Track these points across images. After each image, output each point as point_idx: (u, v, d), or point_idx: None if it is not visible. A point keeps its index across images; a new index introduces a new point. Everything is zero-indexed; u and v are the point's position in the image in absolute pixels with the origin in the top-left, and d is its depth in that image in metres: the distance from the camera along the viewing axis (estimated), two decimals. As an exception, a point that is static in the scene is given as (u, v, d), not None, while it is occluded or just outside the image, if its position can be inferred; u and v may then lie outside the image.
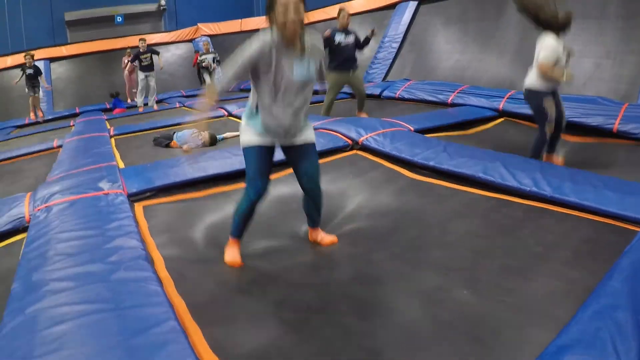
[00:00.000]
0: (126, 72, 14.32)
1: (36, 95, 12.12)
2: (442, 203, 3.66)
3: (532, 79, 4.58)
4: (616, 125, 5.31)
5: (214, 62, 11.62)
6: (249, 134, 2.80)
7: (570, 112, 5.85)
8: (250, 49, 2.58)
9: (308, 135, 2.92)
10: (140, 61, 10.60)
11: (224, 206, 3.84)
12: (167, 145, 6.68)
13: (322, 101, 7.36)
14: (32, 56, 11.13)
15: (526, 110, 6.45)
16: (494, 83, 8.52)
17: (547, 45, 4.36)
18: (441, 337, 2.02)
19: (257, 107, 2.75)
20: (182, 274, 2.78)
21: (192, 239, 3.34)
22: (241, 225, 2.93)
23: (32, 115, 12.25)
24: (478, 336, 2.00)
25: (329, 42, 6.83)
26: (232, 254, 2.95)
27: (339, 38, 6.87)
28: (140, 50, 10.67)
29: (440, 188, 3.93)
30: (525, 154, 4.54)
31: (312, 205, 3.06)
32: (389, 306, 2.34)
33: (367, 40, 7.32)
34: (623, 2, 7.49)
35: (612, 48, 7.35)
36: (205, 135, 6.46)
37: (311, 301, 2.46)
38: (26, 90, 11.98)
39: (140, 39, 11.17)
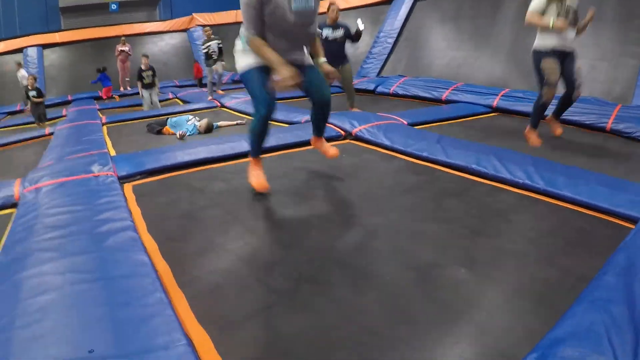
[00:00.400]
0: (119, 61, 14.27)
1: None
2: (437, 182, 3.70)
3: (535, 41, 4.78)
4: (609, 124, 5.35)
5: (218, 50, 10.93)
6: (248, 58, 2.92)
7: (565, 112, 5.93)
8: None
9: (306, 59, 3.09)
10: (142, 78, 10.49)
11: (212, 183, 3.87)
12: (159, 132, 6.64)
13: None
14: (35, 78, 10.67)
15: (520, 107, 6.53)
16: (489, 81, 8.55)
17: None
18: (436, 317, 2.00)
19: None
20: (167, 244, 2.75)
21: (181, 212, 3.32)
22: (258, 143, 3.06)
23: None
24: (473, 318, 1.98)
25: None
26: (257, 176, 3.12)
27: (327, 32, 6.72)
28: (143, 67, 10.57)
29: (434, 170, 3.97)
30: (518, 139, 4.57)
31: (321, 114, 3.25)
32: (384, 280, 2.30)
33: (358, 34, 7.05)
34: (619, 4, 7.51)
35: (608, 50, 7.38)
36: (202, 122, 6.44)
37: (303, 269, 2.42)
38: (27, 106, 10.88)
39: (143, 55, 11.04)
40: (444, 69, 9.96)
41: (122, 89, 14.11)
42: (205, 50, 10.89)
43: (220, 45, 10.88)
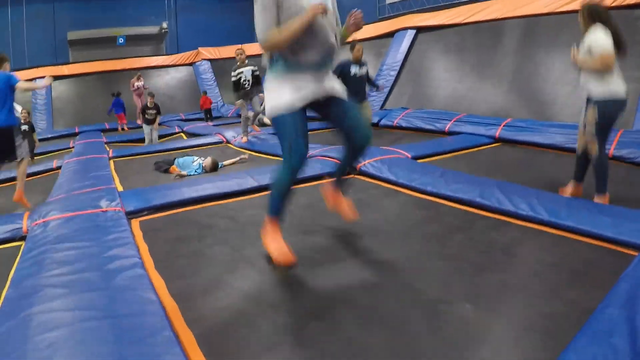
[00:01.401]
0: (135, 95, 14.49)
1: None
2: (441, 217, 3.72)
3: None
4: (611, 151, 5.39)
5: (253, 78, 8.66)
6: (280, 95, 2.63)
7: (565, 139, 6.00)
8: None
9: (337, 85, 2.81)
10: (145, 114, 10.66)
11: (218, 219, 3.89)
12: (166, 171, 6.68)
13: (323, 128, 7.33)
14: (29, 112, 10.72)
15: (522, 137, 6.58)
16: (491, 111, 8.63)
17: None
18: (443, 354, 2.01)
19: (281, 59, 2.65)
20: (175, 281, 2.77)
21: (188, 249, 3.34)
22: (282, 201, 2.72)
23: None
24: (479, 354, 1.99)
25: (343, 72, 6.89)
26: (278, 246, 2.71)
27: (355, 70, 6.94)
28: (148, 105, 10.74)
29: (438, 205, 4.00)
30: (520, 170, 4.60)
31: (352, 158, 2.97)
32: (392, 317, 2.31)
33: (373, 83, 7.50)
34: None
35: None
36: (207, 161, 6.49)
37: (309, 307, 2.43)
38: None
39: (149, 94, 11.26)
40: (446, 100, 10.06)
41: (139, 121, 14.12)
42: (236, 79, 8.69)
43: (257, 73, 8.71)
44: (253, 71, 8.65)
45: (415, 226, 3.59)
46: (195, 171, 6.47)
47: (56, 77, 16.42)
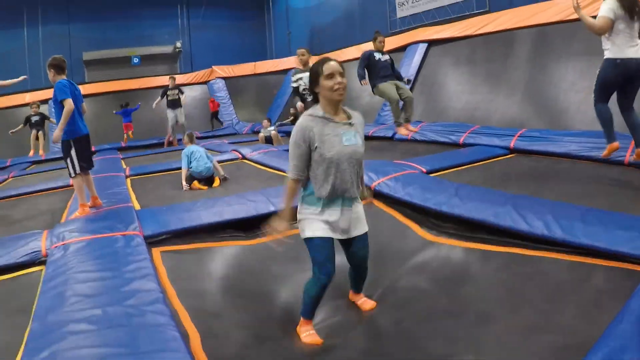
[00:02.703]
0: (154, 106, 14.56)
1: (38, 134, 11.31)
2: (449, 264, 3.61)
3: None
4: (627, 158, 5.35)
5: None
6: (314, 225, 2.81)
7: (579, 147, 6.03)
8: (297, 137, 2.73)
9: (364, 225, 2.98)
10: (167, 96, 10.82)
11: (243, 260, 3.87)
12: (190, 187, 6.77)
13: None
14: (38, 105, 11.03)
15: (537, 147, 6.55)
16: (505, 122, 8.61)
17: None
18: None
19: (313, 192, 2.81)
20: (198, 317, 2.80)
21: (210, 282, 3.34)
22: (313, 306, 2.92)
23: (32, 152, 11.14)
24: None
25: (369, 59, 7.71)
26: (310, 335, 2.89)
27: (378, 55, 7.79)
28: (170, 86, 10.91)
29: (448, 247, 3.84)
30: (536, 181, 4.69)
31: (358, 277, 3.14)
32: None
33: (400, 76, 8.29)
34: None
35: None
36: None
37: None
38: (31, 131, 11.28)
39: (170, 77, 11.45)
40: (460, 113, 10.06)
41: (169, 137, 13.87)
42: (296, 85, 7.90)
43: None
44: None
45: (427, 254, 3.61)
46: (205, 165, 6.72)
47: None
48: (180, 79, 18.33)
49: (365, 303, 3.19)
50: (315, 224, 2.79)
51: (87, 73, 19.06)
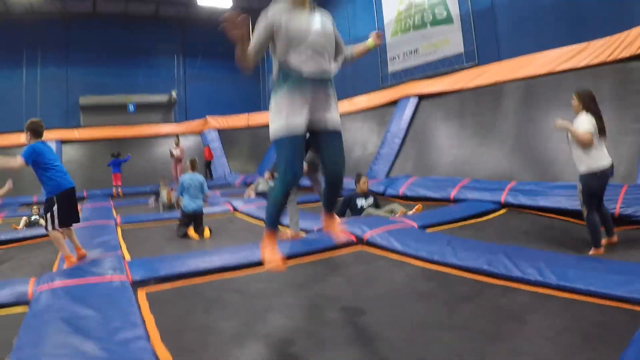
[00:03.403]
0: (173, 163, 14.69)
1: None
2: (449, 287, 3.71)
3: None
4: (617, 210, 5.42)
5: None
6: (280, 117, 2.82)
7: (569, 200, 6.04)
8: (263, 21, 2.81)
9: (336, 118, 2.98)
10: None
11: (226, 293, 3.86)
12: (185, 235, 6.78)
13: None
14: (39, 208, 9.83)
15: (528, 201, 6.62)
16: (495, 174, 8.74)
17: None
18: None
19: (283, 76, 2.85)
20: (182, 356, 2.74)
21: (195, 322, 3.31)
22: (276, 214, 2.92)
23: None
24: None
25: (350, 204, 7.02)
26: (271, 254, 2.89)
27: (361, 202, 7.03)
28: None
29: (446, 275, 3.98)
30: (528, 238, 4.65)
31: (333, 191, 3.12)
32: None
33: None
34: (615, 83, 7.84)
35: (608, 130, 7.54)
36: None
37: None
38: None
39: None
40: (450, 166, 10.19)
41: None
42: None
43: None
44: None
45: (423, 297, 3.58)
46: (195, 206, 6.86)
47: (66, 141, 16.82)
48: (175, 128, 18.57)
49: (340, 233, 3.23)
50: (282, 121, 2.81)
51: (82, 117, 19.21)
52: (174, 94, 20.59)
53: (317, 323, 3.22)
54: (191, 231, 6.81)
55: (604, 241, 4.72)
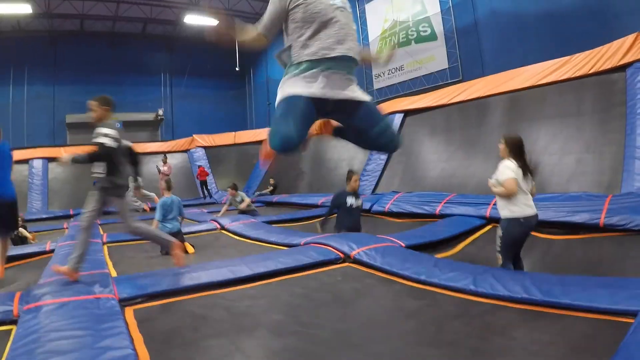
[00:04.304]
0: (160, 180, 14.58)
1: None
2: (436, 305, 3.71)
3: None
4: (602, 220, 5.47)
5: None
6: (294, 87, 2.59)
7: (556, 212, 6.10)
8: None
9: (359, 91, 2.74)
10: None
11: (214, 310, 3.85)
12: (167, 253, 6.78)
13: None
14: None
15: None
16: (481, 188, 8.74)
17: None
18: None
19: (296, 58, 2.63)
20: None
21: (183, 340, 3.30)
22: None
23: None
24: None
25: (339, 202, 6.79)
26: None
27: (350, 201, 6.75)
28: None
29: (433, 293, 3.98)
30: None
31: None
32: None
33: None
34: (597, 95, 8.00)
35: (592, 141, 7.76)
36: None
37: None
38: None
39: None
40: (437, 181, 10.28)
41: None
42: None
43: None
44: None
45: (410, 315, 3.58)
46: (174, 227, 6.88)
47: (53, 159, 16.73)
48: (161, 146, 18.54)
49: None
50: (290, 89, 2.59)
51: (69, 136, 19.19)
52: (160, 112, 20.60)
53: (305, 341, 3.20)
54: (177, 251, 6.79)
55: None
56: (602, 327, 2.88)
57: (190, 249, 6.92)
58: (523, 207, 4.47)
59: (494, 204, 7.09)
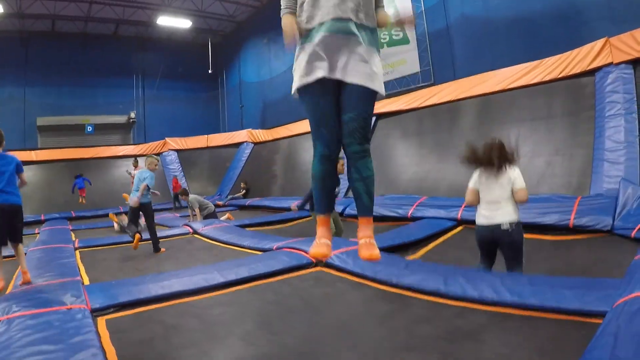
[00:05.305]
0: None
1: None
2: (407, 309, 3.73)
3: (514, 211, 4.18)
4: (572, 221, 5.61)
5: None
6: (299, 70, 2.37)
7: (526, 214, 6.10)
8: None
9: (369, 71, 2.45)
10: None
11: (186, 319, 3.84)
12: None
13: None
14: None
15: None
16: (453, 191, 8.86)
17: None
18: None
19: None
20: None
21: (155, 352, 3.28)
22: (321, 194, 2.46)
23: None
24: None
25: None
26: (318, 240, 2.46)
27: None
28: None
29: (405, 297, 4.00)
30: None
31: (360, 181, 2.51)
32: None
33: None
34: (567, 99, 8.18)
35: (561, 144, 7.92)
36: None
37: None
38: None
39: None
40: (409, 183, 10.35)
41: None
42: None
43: None
44: None
45: (381, 319, 3.61)
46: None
47: (24, 162, 16.37)
48: (133, 149, 18.33)
49: (373, 251, 2.55)
50: (297, 73, 2.38)
51: (40, 139, 18.86)
52: (132, 114, 20.39)
53: (277, 348, 3.22)
54: (138, 237, 7.13)
55: None
56: (571, 329, 2.93)
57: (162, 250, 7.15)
58: (477, 217, 4.28)
59: (465, 207, 7.24)
